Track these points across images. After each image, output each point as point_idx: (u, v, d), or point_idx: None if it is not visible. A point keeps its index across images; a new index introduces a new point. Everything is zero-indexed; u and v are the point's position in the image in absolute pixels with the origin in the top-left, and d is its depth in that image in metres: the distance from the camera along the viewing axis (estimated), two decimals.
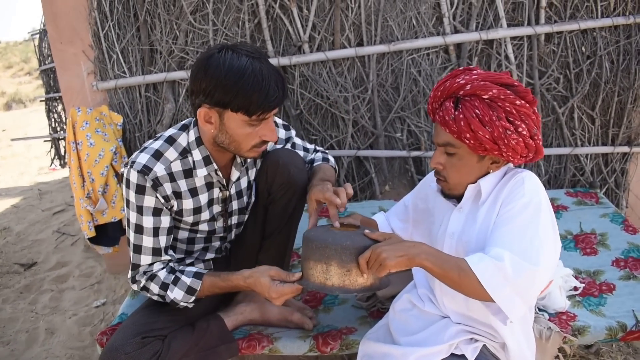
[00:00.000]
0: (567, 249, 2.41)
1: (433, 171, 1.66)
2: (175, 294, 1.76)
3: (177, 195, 1.79)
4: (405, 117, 3.03)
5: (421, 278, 1.78)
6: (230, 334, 1.95)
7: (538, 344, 1.74)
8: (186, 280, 1.77)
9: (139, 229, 1.75)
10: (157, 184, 1.72)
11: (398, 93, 3.01)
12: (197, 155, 1.78)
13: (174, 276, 1.78)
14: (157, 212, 1.75)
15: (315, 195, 1.74)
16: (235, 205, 1.97)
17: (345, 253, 1.48)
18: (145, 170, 1.70)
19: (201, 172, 1.80)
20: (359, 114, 3.02)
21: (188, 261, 2.00)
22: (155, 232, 1.76)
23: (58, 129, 5.46)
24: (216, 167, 1.81)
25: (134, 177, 1.70)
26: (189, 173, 1.80)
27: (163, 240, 1.78)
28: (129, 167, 1.71)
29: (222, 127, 1.66)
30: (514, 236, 1.43)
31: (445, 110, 1.48)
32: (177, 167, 1.77)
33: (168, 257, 1.81)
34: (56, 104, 5.43)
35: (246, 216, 2.06)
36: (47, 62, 5.43)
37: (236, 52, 1.60)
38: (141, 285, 1.78)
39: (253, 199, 2.03)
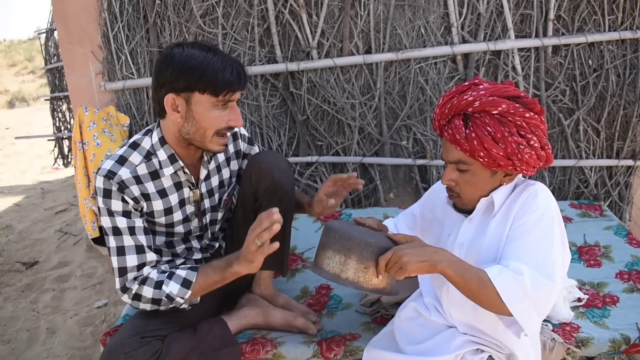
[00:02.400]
0: (571, 260, 2.39)
1: (439, 181, 1.66)
2: (171, 287, 1.70)
3: (146, 197, 1.78)
4: (411, 125, 3.05)
5: (428, 287, 1.78)
6: (234, 337, 1.95)
7: (542, 355, 1.74)
8: (181, 273, 1.72)
9: (116, 231, 1.72)
10: (123, 186, 1.71)
11: (405, 101, 3.02)
12: (162, 155, 1.78)
13: (167, 273, 1.74)
14: (127, 214, 1.73)
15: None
16: (207, 203, 1.96)
17: (367, 250, 1.47)
18: (110, 175, 1.70)
19: (167, 171, 1.79)
20: (365, 121, 3.03)
21: (178, 262, 1.98)
22: (132, 231, 1.73)
23: (62, 128, 5.48)
24: (182, 164, 1.80)
25: (99, 182, 1.70)
26: (155, 175, 1.79)
27: (143, 239, 1.75)
28: (95, 174, 1.72)
29: (189, 113, 1.67)
30: (531, 250, 1.42)
31: (455, 129, 1.46)
32: (142, 170, 1.77)
33: (155, 257, 1.77)
34: (61, 103, 5.45)
35: (219, 214, 2.04)
36: (53, 61, 5.46)
37: (195, 46, 1.66)
38: (132, 293, 1.72)
39: (226, 196, 2.03)
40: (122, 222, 1.72)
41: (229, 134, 1.82)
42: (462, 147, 1.46)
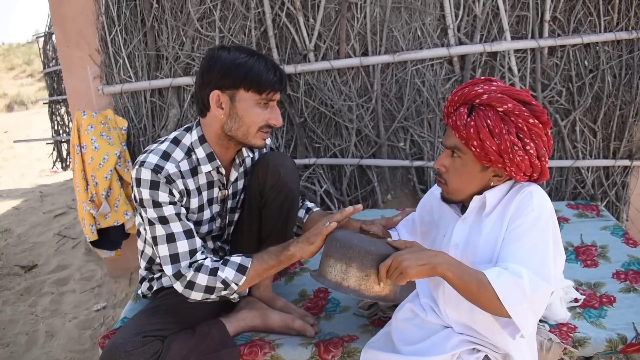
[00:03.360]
0: (568, 261, 2.41)
1: (436, 184, 1.68)
2: (227, 272, 1.73)
3: (187, 193, 1.82)
4: (408, 127, 3.05)
5: (424, 287, 1.79)
6: (232, 339, 1.96)
7: (539, 355, 1.74)
8: (236, 259, 1.77)
9: (164, 220, 1.73)
10: (170, 180, 1.74)
11: (402, 103, 3.03)
12: (200, 152, 1.83)
13: (221, 260, 1.77)
14: (173, 203, 1.75)
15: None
16: (229, 204, 2.01)
17: (368, 258, 1.48)
18: (157, 169, 1.72)
19: (205, 168, 1.84)
20: (362, 123, 3.04)
21: None
22: (179, 217, 1.75)
23: (60, 131, 5.48)
24: (219, 163, 1.86)
25: (146, 174, 1.71)
26: (194, 171, 1.83)
27: (190, 224, 1.78)
28: (138, 166, 1.72)
29: (232, 110, 1.74)
30: (528, 252, 1.44)
31: (459, 115, 1.50)
32: (185, 166, 1.81)
33: (201, 241, 1.79)
34: (59, 107, 5.45)
35: (236, 215, 2.08)
36: (51, 65, 5.47)
37: (239, 49, 1.75)
38: (187, 280, 1.72)
39: (242, 196, 2.07)
40: (169, 210, 1.74)
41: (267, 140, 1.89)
42: (459, 133, 1.49)
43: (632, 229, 3.18)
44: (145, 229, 1.80)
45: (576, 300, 2.10)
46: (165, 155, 1.77)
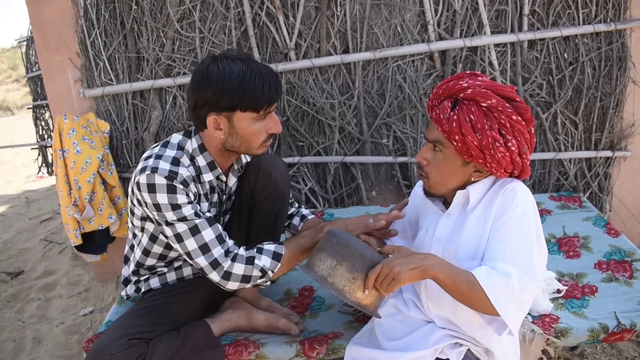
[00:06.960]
0: (551, 252, 2.43)
1: (420, 182, 1.69)
2: (264, 260, 1.75)
3: (199, 197, 1.83)
4: (391, 123, 3.06)
5: None
6: (217, 339, 1.96)
7: (521, 347, 1.76)
8: (270, 247, 1.79)
9: (184, 219, 1.71)
10: (185, 183, 1.73)
11: (384, 100, 3.03)
12: (201, 161, 1.82)
13: (255, 249, 1.79)
14: (190, 203, 1.74)
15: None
16: (224, 207, 2.01)
17: (360, 261, 1.49)
18: (172, 175, 1.70)
19: (207, 177, 1.84)
20: (345, 121, 3.04)
21: (176, 264, 2.01)
22: (198, 214, 1.74)
23: (45, 136, 5.45)
24: (220, 171, 1.86)
25: (160, 180, 1.69)
26: (198, 178, 1.83)
27: (209, 214, 1.78)
28: (150, 172, 1.69)
29: (232, 130, 1.73)
30: (515, 250, 1.46)
31: (442, 109, 1.51)
32: (192, 171, 1.80)
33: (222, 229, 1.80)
34: (43, 112, 5.42)
35: (227, 216, 2.08)
36: (34, 70, 5.43)
37: (229, 59, 1.69)
38: (223, 270, 1.73)
39: (234, 197, 2.07)
40: (188, 210, 1.72)
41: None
42: (442, 127, 1.50)
43: (616, 219, 3.21)
44: (162, 232, 1.79)
45: (558, 291, 2.12)
46: (175, 162, 1.76)
